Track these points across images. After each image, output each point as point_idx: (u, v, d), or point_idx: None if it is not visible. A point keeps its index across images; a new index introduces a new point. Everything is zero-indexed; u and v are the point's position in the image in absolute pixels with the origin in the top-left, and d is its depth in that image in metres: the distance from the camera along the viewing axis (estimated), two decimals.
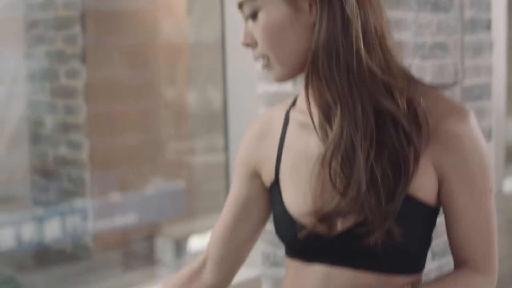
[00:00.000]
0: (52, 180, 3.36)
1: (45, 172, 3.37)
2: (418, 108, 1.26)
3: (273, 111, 1.47)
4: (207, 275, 1.52)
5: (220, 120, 3.04)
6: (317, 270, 1.33)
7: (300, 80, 1.31)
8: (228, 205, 1.50)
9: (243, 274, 2.55)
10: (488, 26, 2.39)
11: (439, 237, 1.66)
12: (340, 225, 1.31)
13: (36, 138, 3.37)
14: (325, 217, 1.29)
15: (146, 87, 3.66)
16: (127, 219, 3.62)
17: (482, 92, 2.30)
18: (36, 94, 3.36)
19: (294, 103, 1.43)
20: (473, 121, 1.29)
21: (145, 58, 3.66)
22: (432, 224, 1.34)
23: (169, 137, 3.86)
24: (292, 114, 1.42)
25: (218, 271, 1.51)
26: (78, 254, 3.38)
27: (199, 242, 3.79)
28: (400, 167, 1.25)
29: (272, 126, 1.45)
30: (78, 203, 3.41)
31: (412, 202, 1.28)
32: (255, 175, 1.46)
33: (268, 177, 1.43)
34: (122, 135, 3.57)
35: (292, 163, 1.38)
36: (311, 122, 1.32)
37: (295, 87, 2.08)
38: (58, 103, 3.30)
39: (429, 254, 1.47)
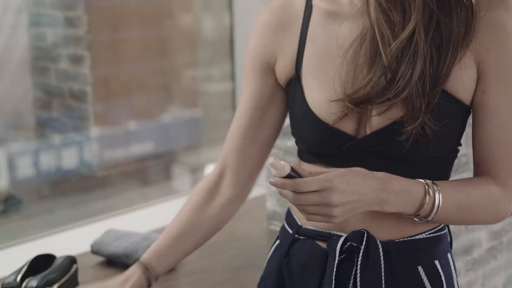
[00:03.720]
0: (66, 109, 3.31)
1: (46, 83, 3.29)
2: (469, 2, 1.20)
3: None
4: (226, 188, 1.46)
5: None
6: None
7: None
8: (241, 110, 1.42)
9: None
10: None
11: None
12: (369, 126, 1.25)
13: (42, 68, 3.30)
14: (358, 101, 1.22)
15: (157, 12, 3.57)
16: (143, 147, 3.57)
17: None
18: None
19: None
20: None
21: None
22: (462, 128, 1.29)
23: (183, 65, 3.79)
24: (315, 2, 1.32)
25: (238, 181, 1.46)
26: (94, 182, 3.34)
27: None
28: (446, 54, 1.20)
29: (289, 14, 1.34)
30: (93, 131, 3.36)
31: (449, 98, 1.22)
32: (269, 71, 1.37)
33: (285, 73, 1.34)
34: (134, 63, 3.50)
35: (317, 55, 1.29)
36: (341, 10, 1.27)
37: None
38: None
39: None
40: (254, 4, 2.38)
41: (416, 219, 1.26)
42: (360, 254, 1.28)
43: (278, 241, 1.46)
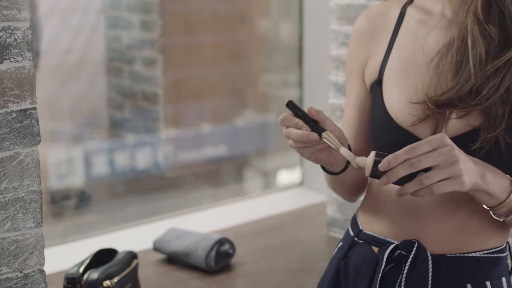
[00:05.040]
0: (142, 111, 3.39)
1: (120, 84, 3.38)
2: None
3: (386, 5, 1.41)
4: None
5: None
6: None
7: None
8: (347, 115, 1.46)
9: (308, 198, 2.53)
10: None
11: None
12: (445, 132, 1.26)
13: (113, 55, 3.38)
14: (440, 104, 1.23)
15: (231, 17, 3.62)
16: (216, 150, 3.62)
17: None
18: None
19: (411, 0, 1.37)
20: None
21: None
22: None
23: (259, 70, 3.83)
24: (409, 11, 1.36)
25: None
26: (165, 182, 3.41)
27: (288, 176, 3.78)
28: None
29: (384, 22, 1.39)
30: (166, 133, 3.43)
31: None
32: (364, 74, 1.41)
33: (370, 76, 1.38)
34: (208, 67, 3.56)
35: (401, 61, 1.32)
36: (430, 20, 1.30)
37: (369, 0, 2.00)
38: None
39: None
40: (323, 13, 2.40)
41: (496, 216, 1.24)
42: (408, 263, 1.29)
43: (340, 243, 1.49)
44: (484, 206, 1.24)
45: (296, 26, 2.79)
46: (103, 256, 1.75)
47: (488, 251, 1.31)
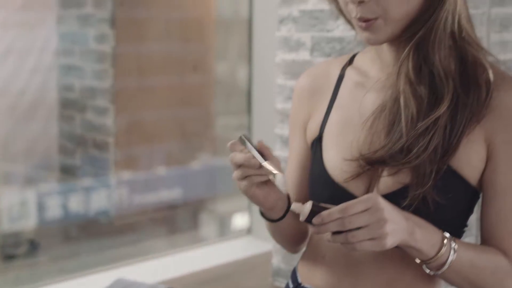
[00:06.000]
0: (82, 145, 3.39)
1: (73, 138, 3.38)
2: (487, 80, 1.25)
3: (327, 66, 1.46)
4: None
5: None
6: None
7: (319, 48, 1.27)
8: (290, 170, 1.49)
9: (254, 247, 2.56)
10: None
11: None
12: (377, 189, 1.29)
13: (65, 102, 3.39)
14: (372, 161, 1.27)
15: (187, 60, 3.66)
16: (171, 194, 3.63)
17: (508, 69, 2.21)
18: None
19: (351, 61, 1.42)
20: None
21: (179, 32, 3.66)
22: (467, 210, 1.32)
23: (214, 113, 3.86)
24: (348, 72, 1.41)
25: None
26: (116, 226, 3.41)
27: (244, 220, 3.79)
28: (459, 127, 1.24)
29: (324, 81, 1.44)
30: (123, 175, 3.44)
31: (455, 176, 1.26)
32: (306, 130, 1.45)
33: (311, 133, 1.42)
34: (166, 110, 3.58)
35: (339, 120, 1.37)
36: (367, 82, 1.35)
37: (312, 56, 2.06)
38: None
39: None
40: (270, 58, 2.45)
41: (427, 269, 1.27)
42: None
43: None
44: (416, 260, 1.28)
45: (247, 70, 2.84)
46: None
47: None
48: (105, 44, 3.27)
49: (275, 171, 1.20)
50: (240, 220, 3.71)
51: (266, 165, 1.21)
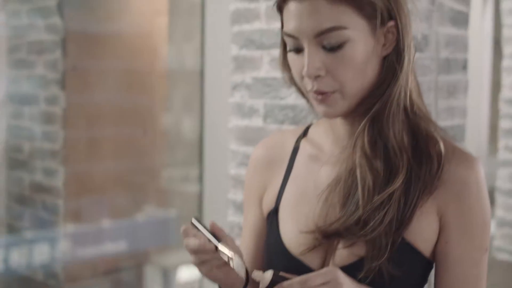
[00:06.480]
0: (31, 206, 3.34)
1: (21, 199, 3.34)
2: (439, 153, 1.28)
3: (282, 137, 1.47)
4: None
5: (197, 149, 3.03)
6: None
7: (272, 115, 1.28)
8: (245, 239, 1.49)
9: None
10: (464, 66, 2.37)
11: None
12: (332, 262, 1.31)
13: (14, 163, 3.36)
14: (328, 234, 1.29)
15: (133, 111, 3.65)
16: (115, 246, 3.59)
17: (456, 134, 2.28)
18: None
19: (305, 133, 1.43)
20: (481, 171, 1.30)
21: (130, 84, 3.66)
22: (422, 281, 1.34)
23: (158, 165, 3.85)
24: (303, 144, 1.42)
25: None
26: (59, 282, 3.35)
27: (188, 273, 3.77)
28: (412, 199, 1.26)
29: (280, 153, 1.45)
30: (64, 229, 3.39)
31: (409, 249, 1.27)
32: (261, 201, 1.46)
33: (267, 205, 1.43)
34: (111, 162, 3.56)
35: (295, 193, 1.38)
36: (322, 155, 1.36)
37: (265, 123, 2.07)
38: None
39: None
40: (223, 108, 2.46)
41: None
42: None
43: None
44: None
45: (197, 121, 2.84)
46: None
47: None
48: (55, 106, 3.26)
49: (230, 255, 1.21)
50: (185, 273, 3.69)
51: (222, 248, 1.22)
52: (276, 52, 2.02)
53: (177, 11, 3.87)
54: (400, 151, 1.27)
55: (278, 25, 1.98)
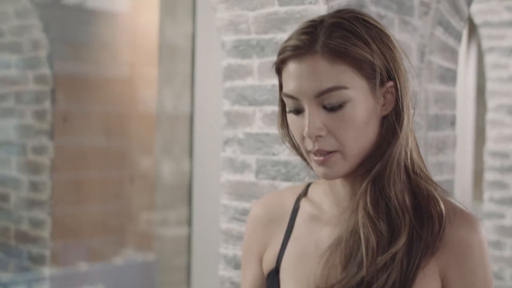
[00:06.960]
0: (15, 256, 3.32)
1: (6, 244, 3.32)
2: (440, 213, 1.28)
3: (282, 196, 1.46)
4: None
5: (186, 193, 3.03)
6: None
7: (265, 170, 1.28)
8: None
9: None
10: (452, 122, 2.40)
11: None
12: None
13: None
14: None
15: (114, 155, 3.66)
16: None
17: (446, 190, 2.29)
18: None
19: (306, 192, 1.43)
20: (483, 231, 1.30)
21: (115, 128, 3.67)
22: None
23: (138, 208, 3.84)
24: (303, 204, 1.42)
25: None
26: None
27: None
28: (414, 260, 1.26)
29: (279, 212, 1.44)
30: (45, 272, 3.36)
31: None
32: (261, 260, 1.45)
33: (267, 265, 1.42)
34: (89, 205, 3.54)
35: (296, 253, 1.37)
36: (322, 216, 1.36)
37: (257, 178, 2.08)
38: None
39: None
40: (212, 151, 2.46)
41: None
42: None
43: None
44: None
45: (179, 164, 2.84)
46: None
47: None
48: (43, 156, 3.25)
49: None
50: None
51: None
52: (269, 108, 2.03)
53: (166, 59, 3.90)
54: (402, 211, 1.27)
55: (270, 81, 2.00)
